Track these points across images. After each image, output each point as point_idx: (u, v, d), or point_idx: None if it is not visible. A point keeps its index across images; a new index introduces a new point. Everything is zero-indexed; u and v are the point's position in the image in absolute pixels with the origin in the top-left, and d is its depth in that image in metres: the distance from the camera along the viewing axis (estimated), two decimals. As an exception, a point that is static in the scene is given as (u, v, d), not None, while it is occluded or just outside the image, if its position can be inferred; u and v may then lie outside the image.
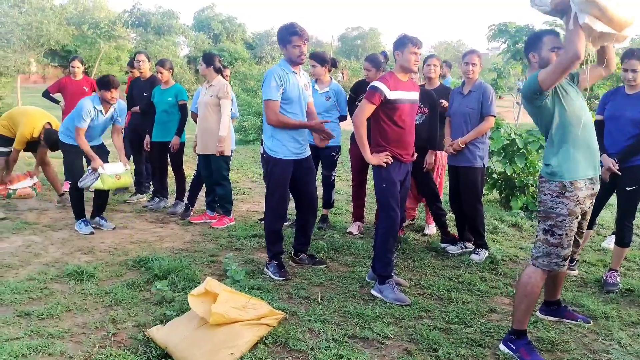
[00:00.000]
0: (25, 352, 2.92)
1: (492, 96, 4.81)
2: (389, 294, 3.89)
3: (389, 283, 3.94)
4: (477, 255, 4.90)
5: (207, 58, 5.74)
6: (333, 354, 3.04)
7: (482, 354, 3.19)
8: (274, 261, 4.36)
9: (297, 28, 4.18)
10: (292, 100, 4.22)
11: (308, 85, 4.47)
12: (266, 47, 43.93)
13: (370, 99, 3.90)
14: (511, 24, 11.19)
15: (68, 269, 4.21)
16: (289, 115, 4.23)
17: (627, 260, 5.12)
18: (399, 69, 4.00)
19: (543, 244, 3.12)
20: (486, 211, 5.84)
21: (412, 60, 3.92)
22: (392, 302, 3.82)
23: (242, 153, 10.97)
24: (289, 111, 4.23)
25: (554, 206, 3.07)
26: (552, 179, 3.09)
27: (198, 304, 3.14)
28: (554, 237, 3.08)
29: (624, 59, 4.32)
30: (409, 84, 4.06)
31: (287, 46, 4.20)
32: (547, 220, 3.10)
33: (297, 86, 4.25)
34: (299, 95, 4.26)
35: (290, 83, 4.19)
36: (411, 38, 3.94)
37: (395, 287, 3.96)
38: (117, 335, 3.21)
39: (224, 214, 5.84)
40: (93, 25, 28.94)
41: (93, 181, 5.27)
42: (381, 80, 3.93)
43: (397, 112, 3.95)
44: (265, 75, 4.28)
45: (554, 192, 3.08)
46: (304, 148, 4.39)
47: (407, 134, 4.06)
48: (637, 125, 4.22)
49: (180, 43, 39.82)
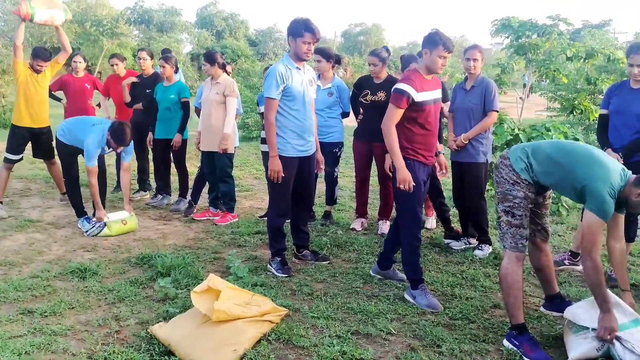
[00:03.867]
0: (28, 350, 2.93)
1: (494, 91, 4.77)
2: (421, 300, 3.75)
3: (421, 288, 3.80)
4: (481, 250, 4.89)
5: (209, 57, 5.72)
6: (336, 350, 3.03)
7: (485, 349, 3.18)
8: (277, 258, 4.35)
9: (314, 26, 4.10)
10: (296, 97, 4.17)
11: (313, 80, 4.41)
12: (269, 43, 43.85)
13: (398, 104, 3.66)
14: (514, 19, 11.11)
15: (71, 266, 4.21)
16: (293, 113, 4.19)
17: (632, 255, 5.09)
18: (424, 69, 3.76)
19: (506, 225, 3.27)
20: (489, 207, 5.79)
21: (439, 64, 3.68)
22: (425, 309, 3.69)
23: (245, 150, 10.96)
24: (293, 108, 4.18)
25: (511, 189, 3.24)
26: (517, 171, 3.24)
27: (201, 301, 3.14)
28: (514, 218, 3.23)
29: (629, 54, 4.28)
30: (433, 82, 3.85)
31: (297, 39, 4.11)
32: (505, 202, 3.27)
33: (301, 82, 4.20)
34: (303, 92, 4.22)
35: (293, 80, 4.15)
36: (444, 40, 3.64)
37: (428, 293, 3.80)
38: (120, 333, 3.21)
39: (227, 211, 5.83)
40: (96, 23, 28.93)
41: (100, 229, 5.23)
42: (407, 82, 3.66)
43: (423, 114, 3.75)
44: (268, 72, 4.25)
45: (511, 180, 3.26)
46: (310, 145, 4.36)
47: (432, 136, 3.87)
48: None
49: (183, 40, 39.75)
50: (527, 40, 11.04)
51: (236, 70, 24.67)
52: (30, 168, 8.16)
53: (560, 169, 3.16)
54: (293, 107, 4.19)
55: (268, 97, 4.12)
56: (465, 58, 4.85)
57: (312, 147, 4.41)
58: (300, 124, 4.23)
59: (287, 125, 4.20)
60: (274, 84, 4.09)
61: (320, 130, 5.36)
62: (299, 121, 4.22)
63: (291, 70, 4.16)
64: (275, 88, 4.09)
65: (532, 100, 21.51)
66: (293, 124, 4.21)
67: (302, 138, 4.27)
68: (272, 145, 4.14)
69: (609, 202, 2.97)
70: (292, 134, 4.22)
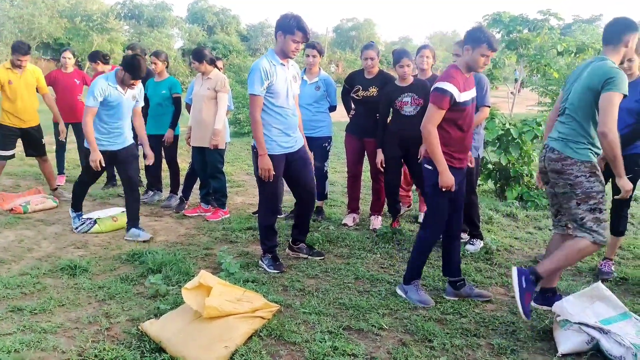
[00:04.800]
0: (17, 348, 2.91)
1: (487, 86, 4.78)
2: (413, 295, 3.76)
3: (414, 284, 3.80)
4: (473, 245, 4.90)
5: (196, 54, 5.65)
6: (328, 345, 3.03)
7: (477, 344, 3.19)
8: (268, 254, 4.34)
9: (306, 26, 4.02)
10: (279, 94, 4.10)
11: (297, 76, 4.35)
12: (260, 39, 43.78)
13: (439, 104, 3.45)
14: (505, 14, 11.16)
15: (61, 263, 4.18)
16: (276, 109, 4.11)
17: (622, 249, 5.13)
18: (464, 66, 3.56)
19: (594, 223, 3.33)
20: (481, 201, 5.83)
21: (480, 62, 3.49)
22: (417, 304, 3.69)
23: (236, 146, 10.93)
24: (277, 105, 4.11)
25: (591, 185, 3.33)
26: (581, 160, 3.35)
27: (192, 298, 3.13)
28: (602, 214, 3.35)
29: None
30: (471, 80, 3.67)
31: (286, 36, 4.01)
32: (590, 200, 3.35)
33: (285, 79, 4.14)
34: (287, 89, 4.15)
35: (277, 76, 4.07)
36: (489, 38, 3.45)
37: (420, 289, 3.81)
38: (110, 330, 3.20)
39: (219, 207, 5.81)
40: (85, 18, 28.71)
41: (90, 226, 5.19)
42: (449, 81, 3.46)
43: (462, 115, 3.56)
44: (251, 68, 4.16)
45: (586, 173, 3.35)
46: (295, 140, 4.30)
47: (468, 137, 3.70)
48: (633, 114, 4.21)
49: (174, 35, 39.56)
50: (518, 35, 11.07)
51: (228, 66, 24.59)
52: (20, 165, 8.09)
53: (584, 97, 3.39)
54: (276, 104, 4.11)
55: (252, 93, 4.05)
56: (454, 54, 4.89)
57: (298, 142, 4.34)
58: (284, 120, 4.17)
59: (271, 122, 4.13)
60: (257, 81, 4.01)
61: (310, 125, 5.35)
62: (283, 118, 4.16)
63: (275, 66, 4.08)
64: (260, 84, 4.00)
65: (523, 95, 21.59)
66: (277, 121, 4.14)
67: (286, 135, 4.21)
68: (260, 143, 4.07)
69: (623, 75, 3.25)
70: (277, 131, 4.15)
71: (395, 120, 5.09)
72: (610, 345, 2.98)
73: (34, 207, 5.76)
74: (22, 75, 5.91)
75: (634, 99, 4.19)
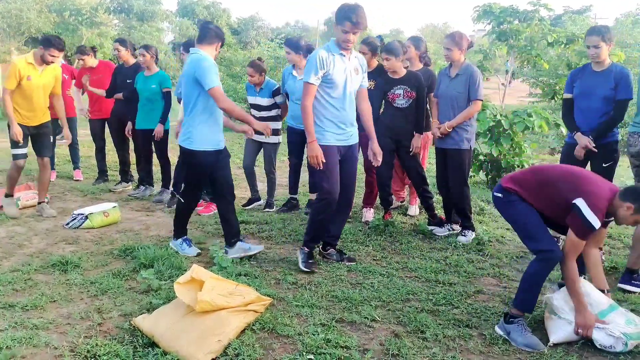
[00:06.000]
0: (9, 344, 2.89)
1: (479, 80, 4.77)
2: (517, 337, 3.13)
3: (518, 323, 3.18)
4: (464, 237, 4.92)
5: (188, 47, 5.59)
6: (321, 338, 3.04)
7: (469, 334, 3.21)
8: (306, 248, 4.23)
9: (355, 15, 3.87)
10: (336, 84, 3.99)
11: (360, 69, 4.16)
12: (251, 32, 43.49)
13: None
14: (495, 5, 11.17)
15: (52, 259, 4.16)
16: (331, 101, 4.01)
17: (612, 238, 5.17)
18: None
19: None
20: (473, 192, 5.83)
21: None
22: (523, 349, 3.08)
23: (229, 139, 10.83)
24: (333, 96, 4.01)
25: None
26: None
27: (184, 292, 3.12)
28: None
29: (586, 36, 4.42)
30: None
31: (338, 27, 3.91)
32: None
33: (344, 70, 4.01)
34: (345, 81, 4.02)
35: (335, 66, 3.95)
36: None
37: (525, 329, 3.16)
38: (102, 325, 3.19)
39: (211, 201, 5.80)
40: (74, 12, 28.45)
41: (81, 222, 5.15)
42: None
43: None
44: (309, 57, 4.08)
45: None
46: (348, 135, 4.15)
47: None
48: (609, 102, 4.27)
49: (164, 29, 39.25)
50: (508, 26, 11.08)
51: (219, 60, 24.45)
52: (10, 161, 8.02)
53: None
54: (332, 95, 4.01)
55: (305, 81, 3.96)
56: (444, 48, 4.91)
57: (353, 138, 4.21)
58: (338, 113, 4.06)
59: (324, 113, 4.04)
60: (312, 69, 3.92)
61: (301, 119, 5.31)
62: (337, 110, 4.05)
63: (334, 56, 3.99)
64: (314, 73, 3.93)
65: (514, 86, 21.65)
66: (330, 113, 4.04)
67: (339, 127, 4.08)
68: (309, 131, 3.97)
69: None
70: (329, 123, 4.05)
71: (387, 112, 5.08)
72: (601, 336, 3.01)
73: (25, 203, 5.72)
74: (42, 72, 5.41)
75: (609, 87, 4.25)
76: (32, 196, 5.84)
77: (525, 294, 3.21)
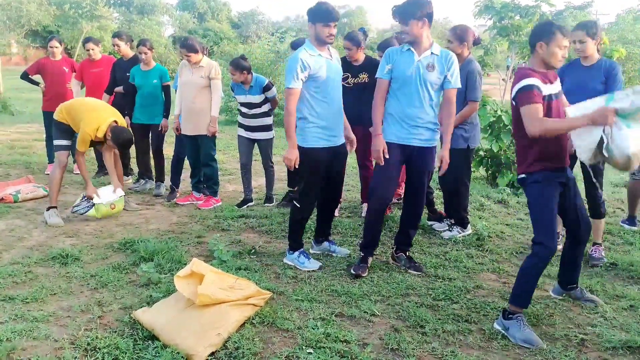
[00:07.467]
0: (9, 337, 2.89)
1: (477, 79, 4.68)
2: (515, 332, 3.14)
3: (517, 319, 3.18)
4: (450, 232, 4.92)
5: (190, 47, 5.52)
6: (320, 332, 3.05)
7: (468, 329, 3.21)
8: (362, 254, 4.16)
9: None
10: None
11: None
12: (252, 26, 43.44)
13: (533, 100, 3.06)
14: (497, 0, 11.14)
15: (52, 252, 4.16)
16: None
17: (612, 234, 5.18)
18: (540, 65, 3.21)
19: None
20: (472, 188, 5.83)
21: (558, 56, 3.14)
22: (521, 345, 3.08)
23: (229, 134, 10.87)
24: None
25: None
26: None
27: (184, 286, 3.12)
28: None
29: (571, 31, 4.36)
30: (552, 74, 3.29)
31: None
32: None
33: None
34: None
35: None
36: (560, 27, 3.14)
37: (524, 325, 3.16)
38: (102, 318, 3.19)
39: (211, 195, 5.80)
40: (75, 5, 28.40)
41: (87, 209, 5.14)
42: (531, 75, 3.12)
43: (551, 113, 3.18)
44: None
45: None
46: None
47: (564, 138, 3.29)
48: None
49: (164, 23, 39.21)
50: (509, 22, 11.05)
51: (219, 54, 24.39)
52: (10, 154, 8.04)
53: None
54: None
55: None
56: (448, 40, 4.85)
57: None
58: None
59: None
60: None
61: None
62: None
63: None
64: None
65: (515, 82, 21.57)
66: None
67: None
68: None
69: None
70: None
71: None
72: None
73: (25, 196, 5.72)
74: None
75: (599, 81, 4.24)
76: (33, 189, 5.85)
77: (520, 289, 3.21)
